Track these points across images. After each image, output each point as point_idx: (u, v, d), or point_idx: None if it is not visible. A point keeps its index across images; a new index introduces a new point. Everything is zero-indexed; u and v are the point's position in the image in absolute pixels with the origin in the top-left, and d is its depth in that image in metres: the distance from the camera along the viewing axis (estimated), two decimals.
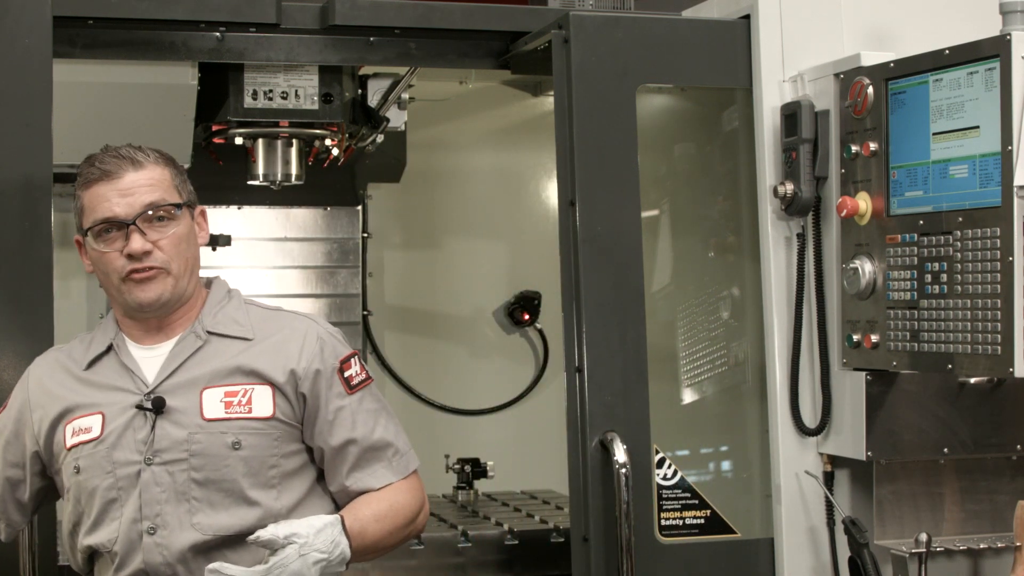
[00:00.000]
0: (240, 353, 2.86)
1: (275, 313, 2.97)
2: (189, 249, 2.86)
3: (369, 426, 2.88)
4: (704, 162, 4.09)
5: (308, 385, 2.85)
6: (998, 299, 3.04)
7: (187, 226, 2.86)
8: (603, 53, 3.60)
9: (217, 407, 2.81)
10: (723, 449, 3.99)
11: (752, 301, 3.80)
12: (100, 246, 2.86)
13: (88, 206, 2.90)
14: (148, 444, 2.78)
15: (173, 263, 2.83)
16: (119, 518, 2.78)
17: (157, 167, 2.85)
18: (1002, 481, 3.60)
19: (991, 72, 3.06)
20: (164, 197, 2.83)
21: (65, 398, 2.88)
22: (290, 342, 2.88)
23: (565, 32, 3.60)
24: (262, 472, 2.81)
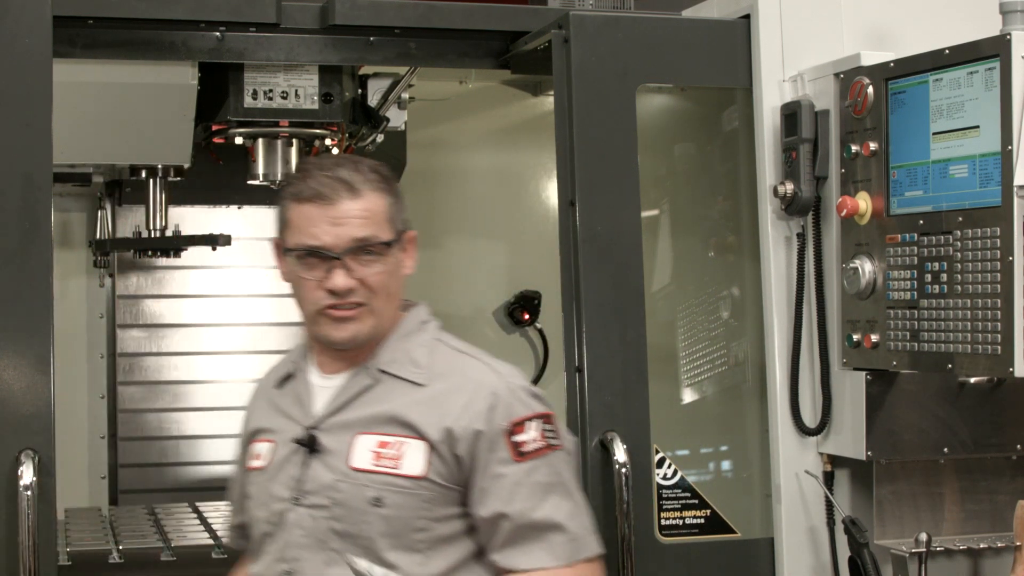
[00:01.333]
0: (405, 399, 2.58)
1: (461, 358, 2.65)
2: (395, 283, 2.62)
3: (531, 502, 2.52)
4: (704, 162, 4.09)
5: (465, 447, 2.53)
6: (998, 299, 3.04)
7: (395, 260, 2.61)
8: (603, 53, 3.60)
9: (365, 456, 2.55)
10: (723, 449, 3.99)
11: (752, 301, 3.80)
12: (300, 270, 2.61)
13: (295, 224, 2.61)
14: (298, 483, 2.57)
15: (378, 300, 2.59)
16: (269, 553, 2.61)
17: (374, 196, 2.58)
18: (1002, 481, 3.60)
19: (991, 72, 3.06)
20: (376, 234, 2.57)
21: (256, 417, 2.75)
22: (457, 395, 2.57)
23: (565, 32, 3.61)
24: (405, 534, 2.53)
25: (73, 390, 4.74)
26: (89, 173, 4.41)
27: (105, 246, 4.69)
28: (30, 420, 3.24)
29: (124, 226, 4.75)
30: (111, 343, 4.80)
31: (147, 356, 4.80)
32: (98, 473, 4.80)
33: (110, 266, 4.78)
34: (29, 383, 3.24)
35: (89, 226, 4.81)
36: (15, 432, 3.22)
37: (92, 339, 4.83)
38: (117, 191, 4.74)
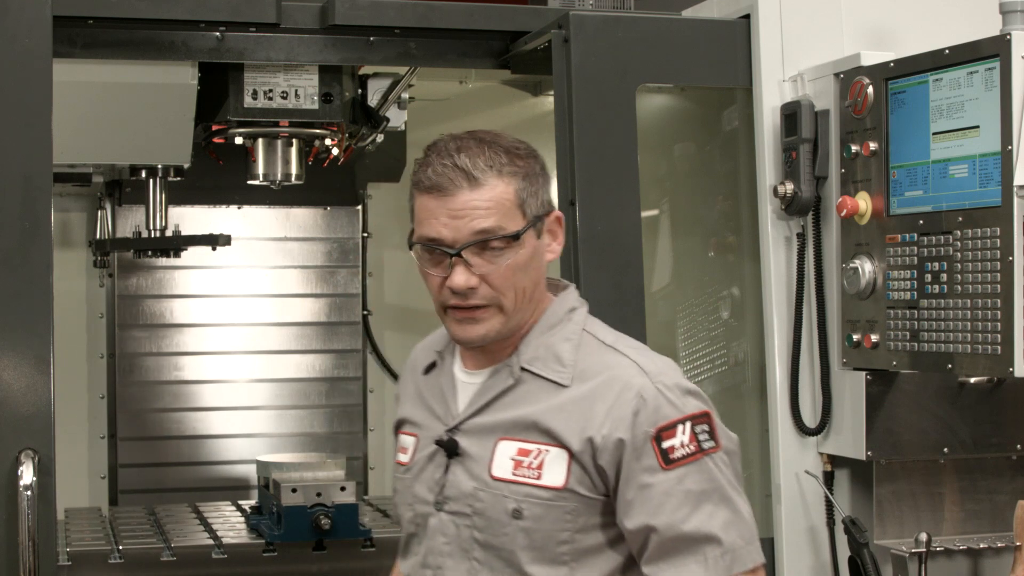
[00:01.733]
0: (548, 403, 2.39)
1: (608, 354, 2.42)
2: (528, 276, 2.39)
3: (682, 512, 2.32)
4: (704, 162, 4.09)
5: (607, 458, 2.34)
6: (998, 299, 3.04)
7: (529, 250, 2.37)
8: (603, 53, 3.60)
9: (506, 465, 2.38)
10: None
11: (752, 301, 3.80)
12: (424, 264, 2.47)
13: (417, 215, 2.43)
14: (440, 487, 2.43)
15: (506, 297, 2.38)
16: (416, 555, 2.49)
17: (500, 183, 2.34)
18: (1002, 481, 3.60)
19: (991, 72, 3.06)
20: (501, 224, 2.34)
21: (404, 403, 2.60)
22: (600, 399, 2.36)
23: (565, 32, 3.60)
24: (548, 547, 2.36)
25: (73, 390, 4.74)
26: (89, 173, 4.40)
27: (105, 246, 4.69)
28: (30, 420, 3.24)
29: (124, 226, 4.75)
30: (111, 343, 4.80)
31: (147, 356, 4.80)
32: (98, 473, 4.80)
33: (110, 266, 4.78)
34: (29, 383, 3.24)
35: (89, 226, 4.81)
36: (15, 432, 3.22)
37: (92, 339, 4.83)
38: (117, 191, 4.75)
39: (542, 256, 2.43)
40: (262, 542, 3.79)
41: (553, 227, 2.45)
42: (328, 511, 3.71)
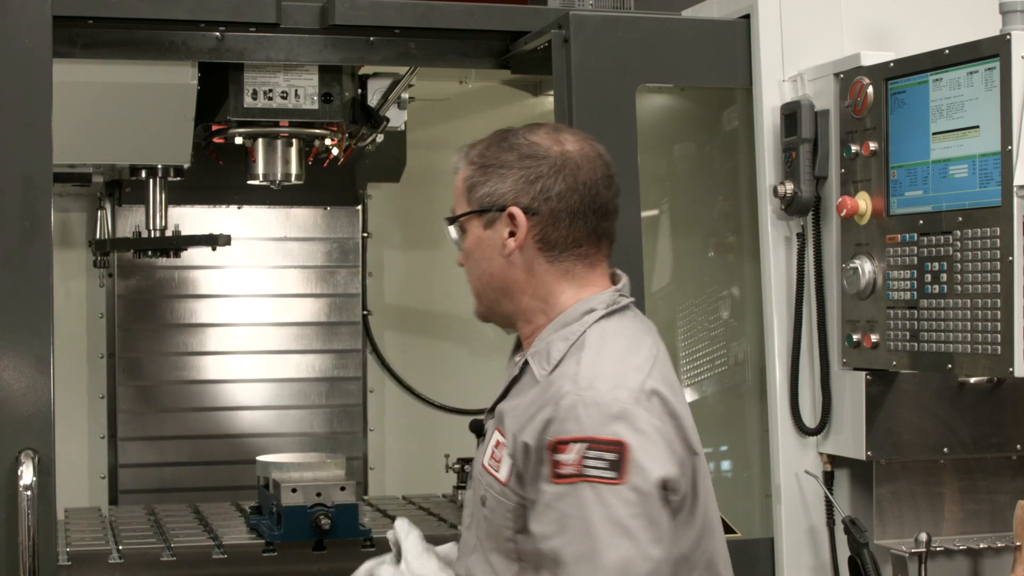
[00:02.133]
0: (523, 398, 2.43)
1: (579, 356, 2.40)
2: (478, 264, 2.47)
3: (550, 529, 2.29)
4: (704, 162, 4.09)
5: (521, 461, 2.37)
6: (998, 299, 3.04)
7: (472, 239, 2.46)
8: (603, 53, 3.60)
9: (489, 452, 2.45)
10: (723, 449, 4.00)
11: (752, 301, 3.80)
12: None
13: None
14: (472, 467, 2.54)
15: (470, 279, 2.49)
16: None
17: (462, 171, 2.47)
18: (1002, 481, 3.60)
19: (991, 72, 3.06)
20: (453, 208, 2.47)
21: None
22: (538, 402, 2.38)
23: (565, 32, 3.60)
24: (500, 541, 2.41)
25: (73, 390, 4.74)
26: (89, 173, 4.40)
27: (105, 246, 4.69)
28: (30, 420, 3.23)
29: (124, 226, 4.75)
30: (111, 343, 4.80)
31: (147, 356, 4.80)
32: (98, 473, 4.80)
33: (110, 266, 4.78)
34: (29, 383, 3.24)
35: (89, 226, 4.81)
36: (15, 432, 3.22)
37: (92, 339, 4.83)
38: (117, 191, 4.74)
39: (493, 248, 2.45)
40: (262, 542, 3.79)
41: (507, 224, 2.45)
42: (328, 511, 3.71)
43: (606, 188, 2.48)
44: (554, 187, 2.43)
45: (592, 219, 2.47)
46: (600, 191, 2.47)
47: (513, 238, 2.45)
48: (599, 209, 2.47)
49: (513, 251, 2.45)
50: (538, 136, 2.47)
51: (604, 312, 2.47)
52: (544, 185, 2.43)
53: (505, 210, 2.44)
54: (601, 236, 2.49)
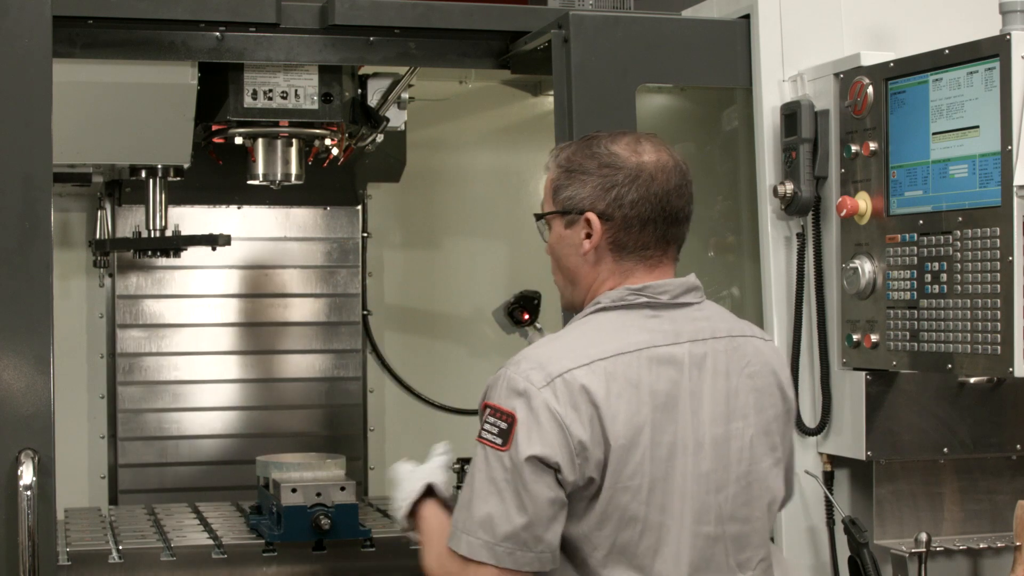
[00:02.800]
0: None
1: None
2: (558, 258, 2.73)
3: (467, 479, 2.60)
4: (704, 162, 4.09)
5: None
6: (998, 299, 3.04)
7: (556, 235, 2.71)
8: (603, 53, 3.61)
9: None
10: None
11: (752, 301, 3.80)
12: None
13: None
14: None
15: (555, 274, 2.77)
16: None
17: (552, 171, 2.73)
18: (1002, 481, 3.61)
19: (991, 72, 3.06)
20: (542, 206, 2.75)
21: None
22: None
23: (565, 32, 3.61)
24: None
25: (73, 390, 4.74)
26: (89, 173, 4.40)
27: (105, 246, 4.69)
28: (30, 420, 3.23)
29: (124, 226, 4.75)
30: (111, 343, 4.80)
31: (147, 356, 4.80)
32: (98, 473, 4.80)
33: (110, 266, 4.78)
34: (29, 383, 3.24)
35: (89, 226, 4.81)
36: (15, 432, 3.22)
37: (92, 339, 4.83)
38: (117, 191, 4.74)
39: (573, 247, 2.69)
40: (262, 542, 3.79)
41: (585, 227, 2.67)
42: (328, 511, 3.71)
43: (678, 197, 2.68)
44: (627, 195, 2.64)
45: (662, 226, 2.67)
46: (672, 200, 2.66)
47: (589, 239, 2.67)
48: (669, 217, 2.67)
49: (589, 251, 2.67)
50: (618, 146, 2.67)
51: (606, 305, 2.65)
52: (619, 193, 2.64)
53: (584, 214, 2.66)
54: (670, 241, 2.70)
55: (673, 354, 2.60)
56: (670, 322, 2.64)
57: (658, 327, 2.62)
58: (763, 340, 2.76)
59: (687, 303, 2.69)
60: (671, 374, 2.58)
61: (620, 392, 2.52)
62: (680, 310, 2.67)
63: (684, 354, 2.61)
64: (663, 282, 2.67)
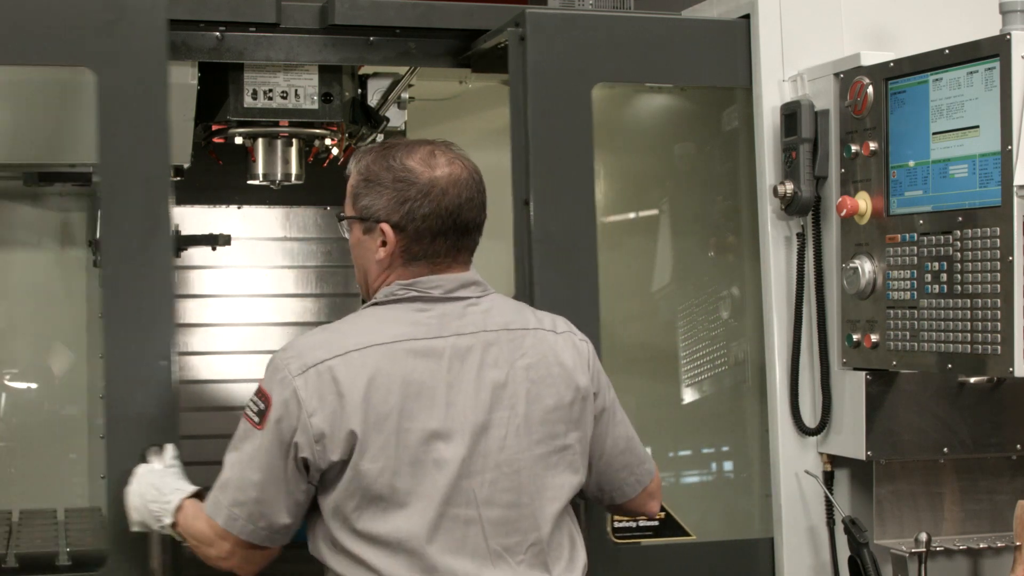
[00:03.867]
0: None
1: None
2: (358, 262, 2.90)
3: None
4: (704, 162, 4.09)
5: None
6: (998, 299, 3.04)
7: (354, 238, 2.87)
8: (560, 51, 3.57)
9: None
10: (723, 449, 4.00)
11: (752, 301, 3.80)
12: None
13: None
14: None
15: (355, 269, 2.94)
16: None
17: (352, 178, 2.87)
18: (1002, 481, 3.61)
19: (991, 72, 3.06)
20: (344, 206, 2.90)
21: None
22: None
23: (522, 30, 3.57)
24: None
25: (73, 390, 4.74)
26: (89, 173, 4.40)
27: None
28: (154, 417, 3.29)
29: None
30: None
31: None
32: (98, 473, 4.80)
33: None
34: (151, 379, 3.30)
35: (89, 226, 4.81)
36: (140, 428, 3.27)
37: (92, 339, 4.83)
38: None
39: (368, 251, 2.83)
40: None
41: (380, 235, 2.81)
42: None
43: (469, 210, 2.82)
44: (420, 209, 2.77)
45: (453, 237, 2.81)
46: (463, 213, 2.81)
47: (384, 247, 2.81)
48: (460, 228, 2.81)
49: (384, 258, 2.81)
50: (413, 159, 2.80)
51: (378, 300, 2.82)
52: (411, 207, 2.78)
53: (379, 223, 2.80)
54: (460, 249, 2.84)
55: (433, 347, 2.74)
56: (438, 316, 2.78)
57: (424, 320, 2.77)
58: (552, 332, 2.87)
59: (461, 297, 2.82)
60: (428, 365, 2.72)
61: (370, 381, 2.67)
62: (452, 304, 2.80)
63: (446, 347, 2.74)
64: (436, 277, 2.82)
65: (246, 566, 2.84)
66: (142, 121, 3.35)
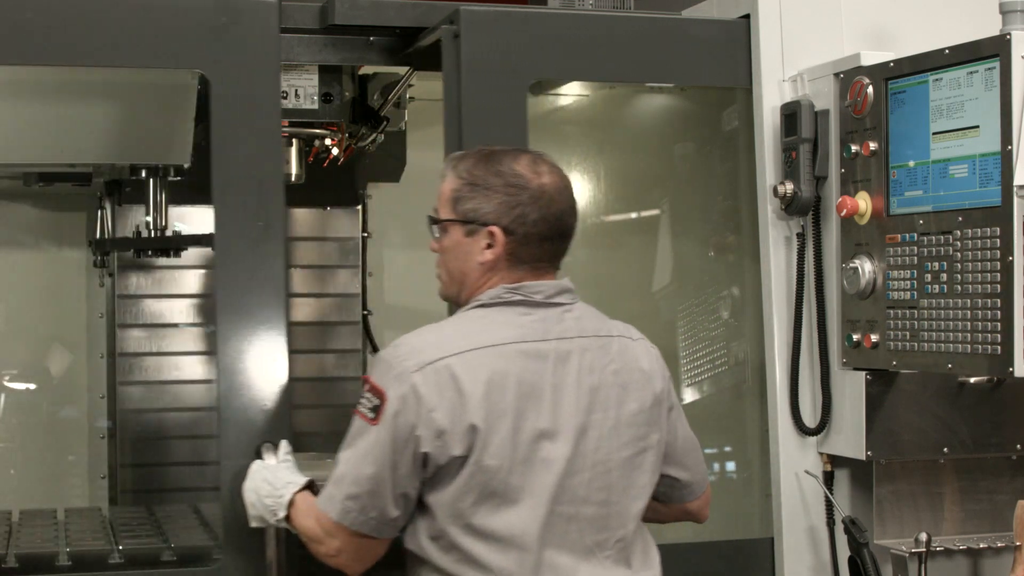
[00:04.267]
0: None
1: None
2: (454, 264, 2.94)
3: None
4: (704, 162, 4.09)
5: None
6: (998, 299, 3.04)
7: (452, 241, 2.92)
8: (495, 49, 3.55)
9: None
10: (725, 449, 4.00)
11: (752, 301, 3.80)
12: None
13: None
14: None
15: (441, 273, 2.99)
16: None
17: (449, 180, 2.94)
18: (1002, 481, 3.61)
19: (991, 72, 3.06)
20: (437, 209, 2.95)
21: None
22: None
23: (456, 27, 3.56)
24: None
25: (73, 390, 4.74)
26: (89, 173, 4.40)
27: (105, 246, 4.69)
28: (268, 414, 3.34)
29: (124, 226, 4.75)
30: (111, 343, 4.80)
31: (147, 356, 4.80)
32: (98, 473, 4.80)
33: (110, 266, 4.78)
34: (265, 377, 3.35)
35: (89, 226, 4.81)
36: (254, 426, 3.33)
37: (92, 339, 4.83)
38: (117, 191, 4.74)
39: (469, 254, 2.90)
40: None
41: (487, 238, 2.87)
42: None
43: (570, 216, 2.94)
44: (530, 215, 2.86)
45: (556, 242, 2.92)
46: (565, 219, 2.92)
47: (490, 249, 2.88)
48: (563, 234, 2.93)
49: (488, 260, 2.89)
50: (520, 166, 2.89)
51: (485, 302, 2.89)
52: (522, 212, 2.86)
53: (487, 226, 2.87)
54: (557, 255, 2.95)
55: (540, 349, 2.84)
56: (541, 320, 2.88)
57: (529, 324, 2.86)
58: (631, 339, 2.98)
59: (559, 303, 2.91)
60: (537, 367, 2.82)
61: (488, 380, 2.76)
62: (552, 309, 2.90)
63: (551, 350, 2.84)
64: (538, 283, 2.91)
65: (355, 564, 2.90)
66: (255, 124, 3.41)
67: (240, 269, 3.37)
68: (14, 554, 3.58)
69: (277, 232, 3.41)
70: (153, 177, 4.39)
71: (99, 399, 4.82)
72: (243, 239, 3.38)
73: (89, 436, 4.81)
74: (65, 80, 3.46)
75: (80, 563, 3.62)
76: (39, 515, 4.23)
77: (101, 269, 4.79)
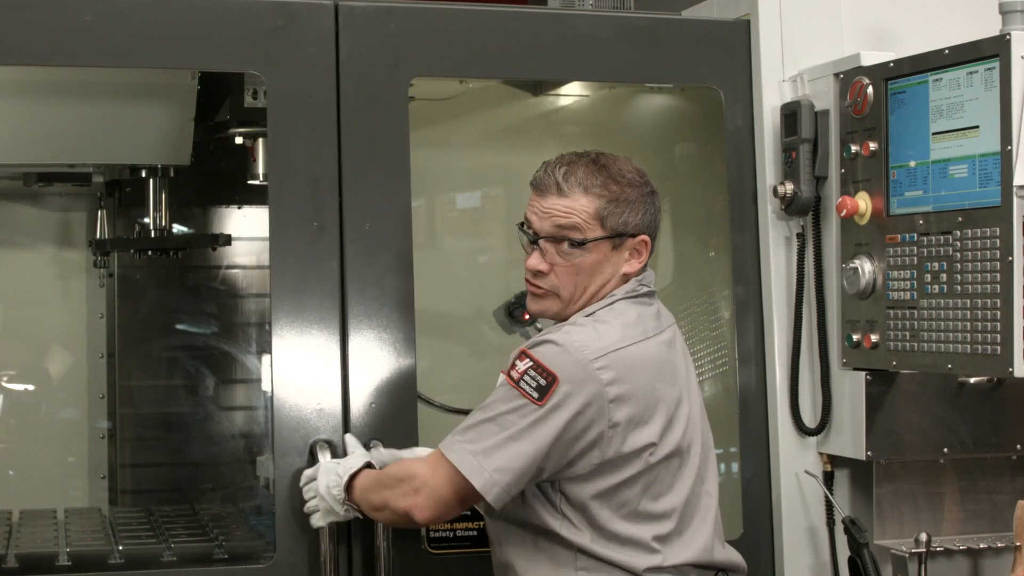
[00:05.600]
0: None
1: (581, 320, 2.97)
2: (592, 278, 2.93)
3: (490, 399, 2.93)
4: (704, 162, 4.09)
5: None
6: (998, 299, 3.04)
7: (596, 257, 2.92)
8: (374, 45, 3.55)
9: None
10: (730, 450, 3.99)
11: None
12: (522, 241, 3.03)
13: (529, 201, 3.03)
14: None
15: (564, 289, 2.94)
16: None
17: (583, 198, 2.91)
18: (1002, 481, 3.61)
19: (991, 72, 3.06)
20: (576, 228, 2.91)
21: None
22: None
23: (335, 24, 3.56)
24: None
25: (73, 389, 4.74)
26: (89, 173, 4.40)
27: (105, 246, 4.68)
28: (322, 411, 3.37)
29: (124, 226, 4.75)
30: (111, 343, 4.79)
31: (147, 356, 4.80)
32: (98, 473, 4.80)
33: (110, 266, 4.78)
34: (319, 375, 3.38)
35: (89, 226, 4.81)
36: (308, 424, 3.36)
37: (92, 339, 4.83)
38: (117, 191, 4.74)
39: (614, 266, 2.93)
40: (262, 542, 3.79)
41: (637, 247, 2.94)
42: None
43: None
44: (657, 216, 2.99)
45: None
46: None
47: (638, 259, 2.96)
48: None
49: (636, 270, 2.96)
50: (636, 172, 2.96)
51: (621, 296, 2.94)
52: (655, 215, 2.98)
53: (637, 236, 2.94)
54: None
55: (667, 338, 2.97)
56: (655, 311, 2.99)
57: (651, 314, 2.97)
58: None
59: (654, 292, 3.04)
60: (672, 355, 2.95)
61: (656, 371, 2.86)
62: (655, 299, 3.03)
63: (671, 337, 2.99)
64: (650, 273, 3.03)
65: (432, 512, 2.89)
66: (311, 124, 3.42)
67: (294, 270, 3.41)
68: (14, 554, 3.58)
69: (331, 231, 3.43)
70: (153, 177, 4.39)
71: (99, 399, 4.82)
72: (298, 240, 3.41)
73: (89, 436, 4.81)
74: (65, 80, 3.46)
75: (80, 563, 3.62)
76: (39, 515, 4.24)
77: (101, 269, 4.79)
